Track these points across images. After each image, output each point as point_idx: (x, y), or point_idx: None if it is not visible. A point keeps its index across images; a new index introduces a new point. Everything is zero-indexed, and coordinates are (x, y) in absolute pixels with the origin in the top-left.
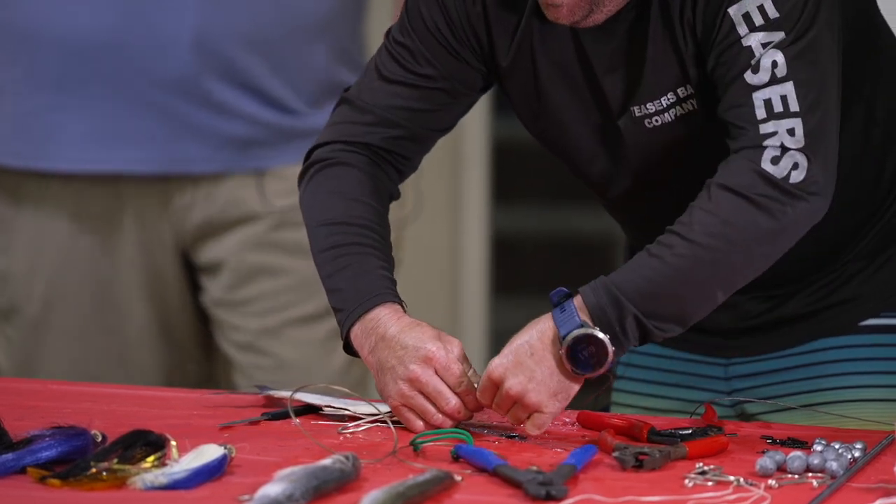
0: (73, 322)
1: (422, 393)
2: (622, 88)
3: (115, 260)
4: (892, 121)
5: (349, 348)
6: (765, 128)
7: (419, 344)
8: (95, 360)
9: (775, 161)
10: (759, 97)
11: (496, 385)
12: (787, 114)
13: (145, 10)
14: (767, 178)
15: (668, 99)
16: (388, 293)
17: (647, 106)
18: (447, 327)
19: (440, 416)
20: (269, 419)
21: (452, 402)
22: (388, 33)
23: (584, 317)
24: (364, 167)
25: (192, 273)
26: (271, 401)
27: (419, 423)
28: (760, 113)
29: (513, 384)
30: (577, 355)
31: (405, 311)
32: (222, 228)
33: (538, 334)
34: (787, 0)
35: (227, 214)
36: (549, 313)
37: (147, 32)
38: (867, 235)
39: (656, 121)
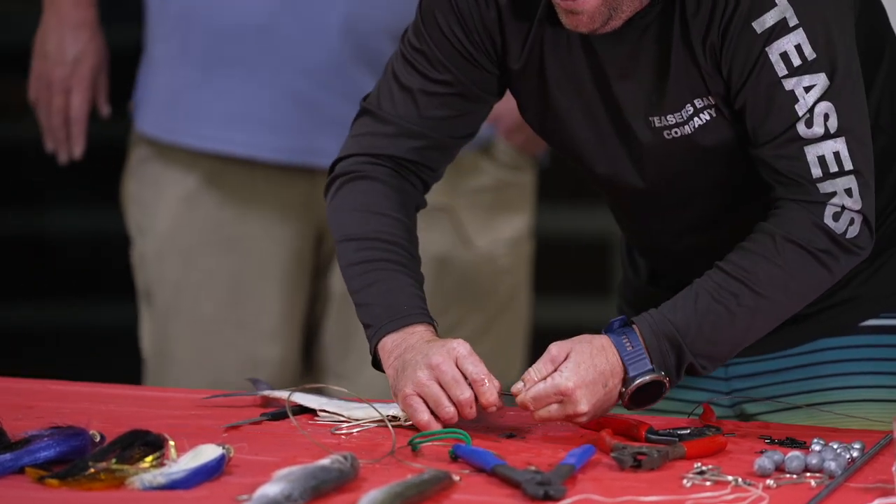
0: (203, 311)
1: (438, 382)
2: (638, 96)
3: (253, 251)
4: None
5: (377, 363)
6: (823, 187)
7: (429, 351)
8: (222, 352)
9: (836, 217)
10: (812, 153)
11: (563, 394)
12: (842, 172)
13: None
14: (829, 233)
15: (688, 111)
16: (420, 313)
17: (668, 118)
18: None
19: (451, 408)
20: (268, 419)
21: (467, 393)
22: (403, 37)
23: (648, 359)
24: (389, 180)
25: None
26: (267, 400)
27: (425, 417)
28: (816, 171)
29: (584, 407)
30: (637, 394)
31: (436, 332)
32: None
33: (611, 368)
34: (820, 36)
35: None
36: (613, 341)
37: (297, 18)
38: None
39: (676, 132)
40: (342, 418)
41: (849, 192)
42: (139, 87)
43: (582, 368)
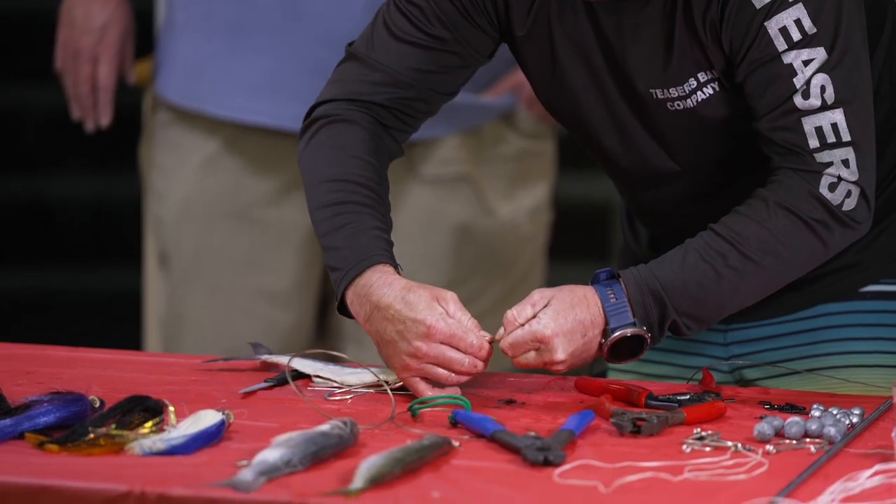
0: (220, 277)
1: (430, 362)
2: (642, 67)
3: (271, 217)
4: None
5: (344, 309)
6: (820, 157)
7: (416, 316)
8: (239, 318)
9: (832, 188)
10: (809, 123)
11: (540, 341)
12: (839, 143)
13: None
14: (825, 203)
15: (691, 84)
16: (383, 254)
17: (671, 91)
18: None
19: (455, 376)
20: (271, 385)
21: (466, 362)
22: None
23: (630, 312)
24: (368, 126)
25: None
26: (267, 365)
27: (429, 393)
28: (813, 142)
29: (561, 355)
30: (617, 348)
31: (399, 273)
32: None
33: (591, 319)
34: (822, 10)
35: None
36: (597, 292)
37: None
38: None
39: (678, 105)
40: (335, 384)
41: (846, 163)
42: (160, 52)
43: (561, 316)
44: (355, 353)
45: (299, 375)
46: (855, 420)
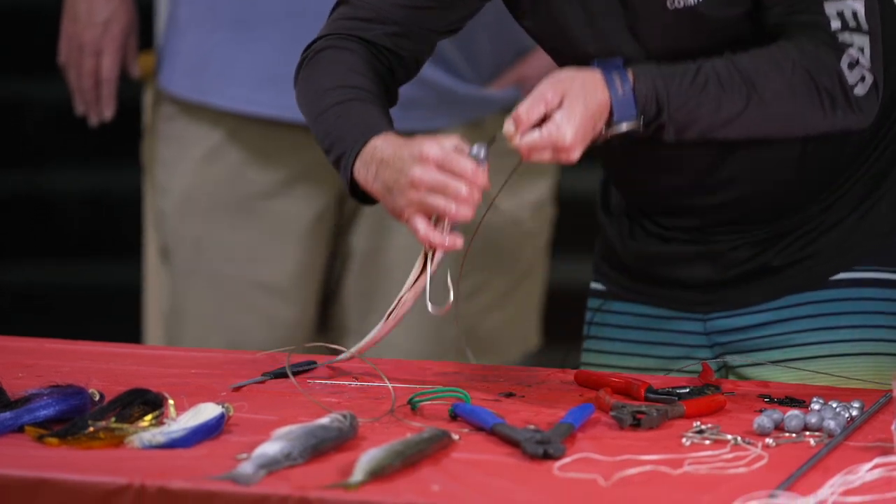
0: (222, 270)
1: (428, 189)
2: None
3: (273, 209)
4: (887, 58)
5: (357, 192)
6: (842, 37)
7: (411, 148)
8: (240, 311)
9: (851, 67)
10: (831, 7)
11: (560, 149)
12: (859, 30)
13: None
14: (841, 79)
15: None
16: (388, 127)
17: None
18: None
19: (454, 205)
20: (269, 378)
21: (463, 189)
22: None
23: (635, 107)
24: (362, 52)
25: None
26: (266, 357)
27: (430, 233)
28: (835, 24)
29: (576, 156)
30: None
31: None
32: None
33: (600, 110)
34: None
35: None
36: (605, 82)
37: None
38: (850, 178)
39: (679, 3)
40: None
41: (862, 50)
42: (164, 47)
43: (577, 117)
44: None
45: (304, 368)
46: (854, 413)
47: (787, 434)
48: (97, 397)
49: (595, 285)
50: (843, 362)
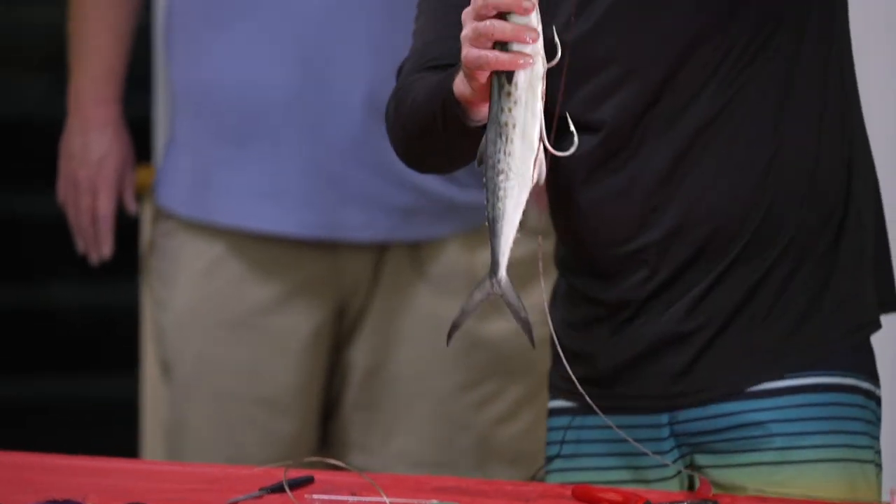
0: (222, 385)
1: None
2: None
3: (273, 325)
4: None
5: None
6: None
7: None
8: (241, 426)
9: None
10: None
11: None
12: None
13: (322, 69)
14: None
15: None
16: None
17: None
18: None
19: (518, 30)
20: (266, 493)
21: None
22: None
23: None
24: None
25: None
26: (265, 472)
27: (503, 57)
28: None
29: None
30: None
31: None
32: (379, 295)
33: None
34: None
35: (384, 282)
36: None
37: (321, 94)
38: (812, 255)
39: None
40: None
41: None
42: (163, 164)
43: None
44: (359, 461)
45: (296, 484)
46: None
47: None
48: None
49: (554, 403)
50: (814, 470)
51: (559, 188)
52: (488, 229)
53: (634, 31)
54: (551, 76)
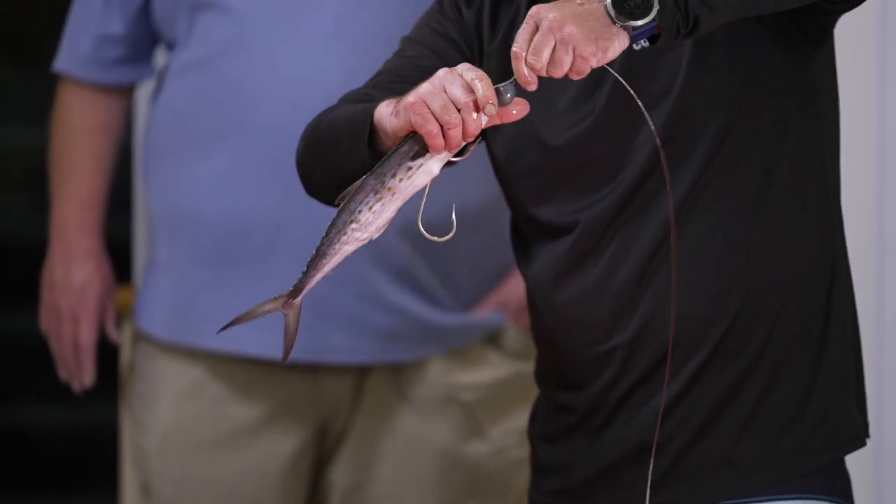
0: None
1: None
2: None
3: (254, 446)
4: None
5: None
6: None
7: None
8: None
9: None
10: None
11: (535, 25)
12: None
13: (302, 191)
14: None
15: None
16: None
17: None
18: None
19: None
20: None
21: (465, 97)
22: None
23: None
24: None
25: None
26: None
27: (434, 128)
28: None
29: (553, 16)
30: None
31: None
32: (360, 416)
33: (589, 11)
34: None
35: (365, 404)
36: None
37: (303, 214)
38: (791, 365)
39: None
40: None
41: None
42: (143, 287)
43: (571, 18)
44: None
45: None
46: None
47: None
48: None
49: None
50: None
51: (535, 288)
52: (311, 258)
53: (623, 134)
54: (532, 176)
